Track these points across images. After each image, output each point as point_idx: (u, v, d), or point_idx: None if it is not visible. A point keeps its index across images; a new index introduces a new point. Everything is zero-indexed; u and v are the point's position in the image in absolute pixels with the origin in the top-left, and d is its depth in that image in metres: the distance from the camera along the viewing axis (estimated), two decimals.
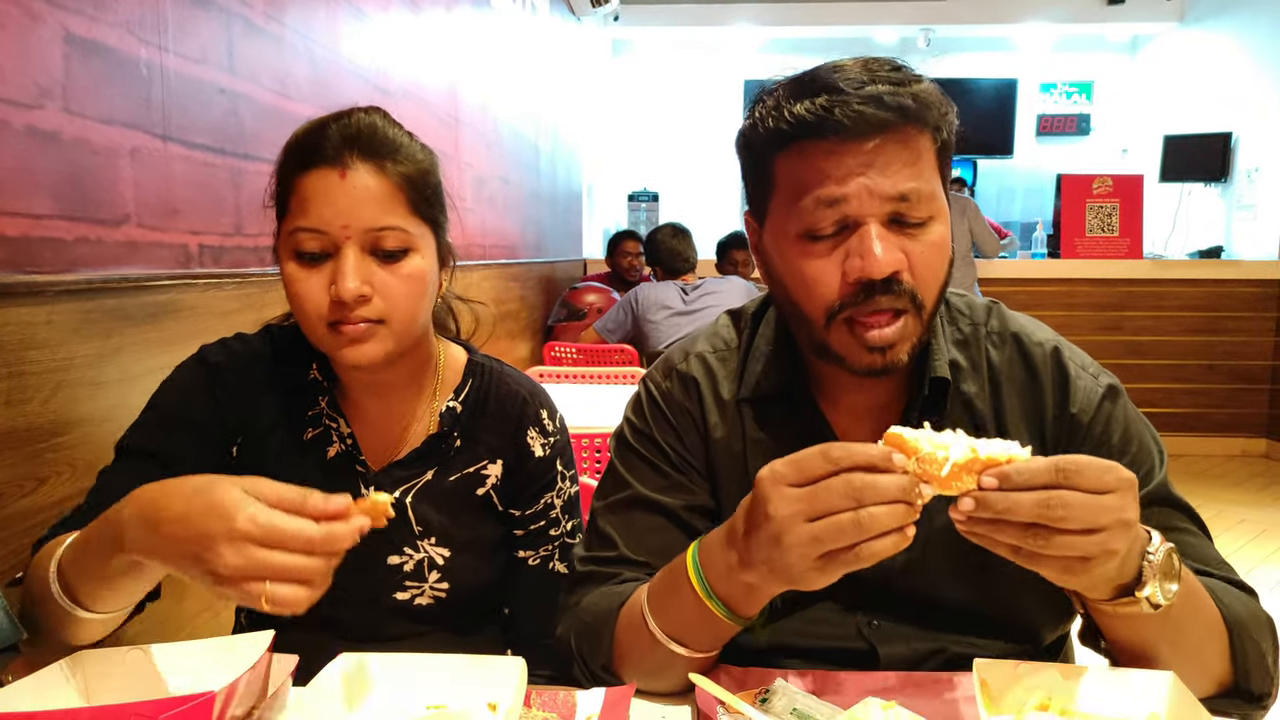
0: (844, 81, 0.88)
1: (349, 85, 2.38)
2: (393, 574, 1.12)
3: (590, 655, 0.96)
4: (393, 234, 1.00)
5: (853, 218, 0.89)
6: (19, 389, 1.16)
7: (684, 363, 1.08)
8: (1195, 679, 0.81)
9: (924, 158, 0.90)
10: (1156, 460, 0.99)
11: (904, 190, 0.88)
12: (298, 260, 1.00)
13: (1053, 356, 1.02)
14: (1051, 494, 0.71)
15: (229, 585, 0.70)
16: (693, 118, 8.29)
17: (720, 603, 0.85)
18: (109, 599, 0.82)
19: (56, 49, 1.24)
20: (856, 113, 0.86)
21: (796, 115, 0.89)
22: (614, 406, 2.48)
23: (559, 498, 1.18)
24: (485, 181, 3.92)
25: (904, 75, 0.90)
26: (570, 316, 4.75)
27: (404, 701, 0.82)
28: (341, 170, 0.99)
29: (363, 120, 1.03)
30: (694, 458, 1.05)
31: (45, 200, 1.23)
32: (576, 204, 6.54)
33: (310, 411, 1.13)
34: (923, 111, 0.89)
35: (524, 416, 1.17)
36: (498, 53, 4.13)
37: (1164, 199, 6.74)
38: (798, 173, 0.91)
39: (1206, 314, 5.60)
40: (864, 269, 0.88)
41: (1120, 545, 0.73)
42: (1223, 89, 6.49)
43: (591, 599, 0.99)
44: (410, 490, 1.13)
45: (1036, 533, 0.72)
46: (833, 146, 0.88)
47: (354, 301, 0.98)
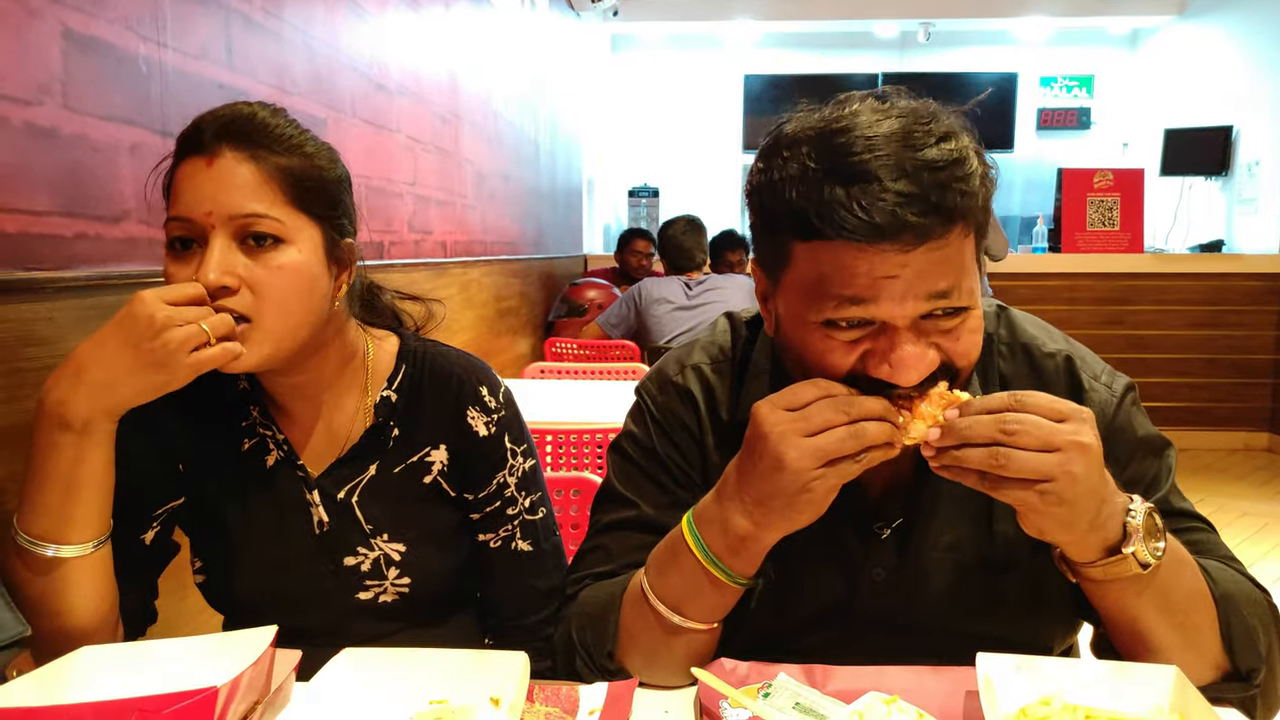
0: (880, 166, 0.77)
1: (347, 81, 2.37)
2: (351, 575, 1.10)
3: (595, 644, 0.95)
4: (260, 221, 0.95)
5: (880, 319, 0.81)
6: (18, 385, 1.15)
7: (679, 375, 1.04)
8: (1190, 656, 0.82)
9: (965, 251, 0.82)
10: (1162, 471, 0.97)
11: (942, 289, 0.80)
12: (170, 252, 0.97)
13: (1065, 369, 0.98)
14: (1008, 415, 0.77)
15: (170, 338, 0.86)
16: (693, 112, 8.29)
17: (718, 561, 0.86)
18: (77, 510, 0.90)
19: (55, 45, 1.24)
20: (893, 217, 0.76)
21: (823, 204, 0.78)
22: (615, 402, 2.48)
23: (512, 475, 1.13)
24: (485, 178, 3.91)
25: (948, 152, 0.79)
26: (571, 313, 4.75)
27: (406, 697, 0.82)
28: (209, 158, 0.95)
29: (242, 110, 0.99)
30: (694, 472, 1.02)
31: (44, 196, 1.23)
32: (577, 200, 6.53)
33: (244, 423, 1.11)
34: (968, 206, 0.80)
35: (461, 396, 1.12)
36: (497, 48, 4.13)
37: (1165, 193, 6.74)
38: (820, 264, 0.81)
39: (1208, 308, 5.60)
40: (893, 376, 0.81)
41: (1079, 468, 0.76)
42: (1223, 82, 6.47)
43: (590, 593, 0.99)
44: (355, 489, 1.10)
45: (996, 452, 0.76)
46: (861, 250, 0.78)
47: (218, 291, 0.92)
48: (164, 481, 1.08)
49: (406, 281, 2.90)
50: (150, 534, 1.07)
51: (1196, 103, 6.76)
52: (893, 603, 0.97)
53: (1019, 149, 8.11)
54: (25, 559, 0.91)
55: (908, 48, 8.01)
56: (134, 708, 0.67)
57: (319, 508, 1.09)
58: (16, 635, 0.82)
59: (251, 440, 1.11)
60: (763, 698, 0.83)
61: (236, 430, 1.11)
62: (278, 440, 1.10)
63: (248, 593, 1.10)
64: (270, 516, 1.09)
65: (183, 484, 1.10)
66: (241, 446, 1.11)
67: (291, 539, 1.09)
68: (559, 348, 4.10)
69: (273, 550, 1.09)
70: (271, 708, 0.80)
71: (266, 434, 1.11)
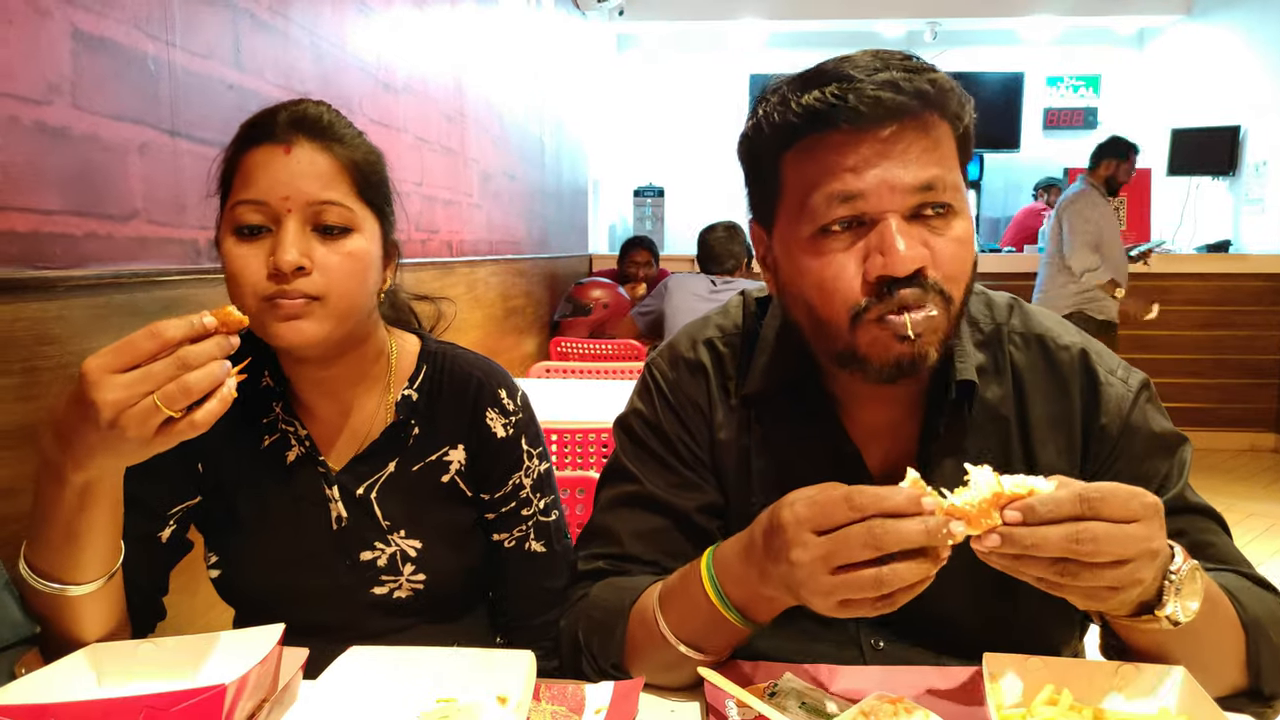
0: (855, 69, 0.83)
1: (354, 80, 2.38)
2: (367, 570, 1.11)
3: (601, 652, 0.95)
4: (334, 209, 0.99)
5: (870, 214, 0.83)
6: (32, 384, 1.16)
7: (691, 350, 1.05)
8: (1210, 678, 0.79)
9: (944, 146, 0.85)
10: (1175, 468, 0.96)
11: (926, 179, 0.83)
12: (236, 235, 0.98)
13: (1080, 361, 0.98)
14: (1079, 527, 0.69)
15: (126, 424, 0.74)
16: (698, 113, 8.27)
17: (737, 611, 0.85)
18: (81, 555, 0.85)
19: (64, 45, 1.24)
20: (872, 98, 0.81)
21: (805, 105, 0.84)
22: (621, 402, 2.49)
23: (528, 477, 1.15)
24: (491, 177, 3.92)
25: (917, 64, 0.85)
26: (576, 312, 4.75)
27: (414, 695, 0.83)
28: (286, 146, 0.98)
29: (312, 108, 1.03)
30: (702, 451, 1.02)
31: (55, 196, 1.23)
32: (582, 199, 6.53)
33: (265, 419, 1.11)
34: (942, 97, 0.84)
35: (480, 398, 1.14)
36: (503, 48, 4.13)
37: (1172, 193, 6.72)
38: (807, 169, 0.86)
39: (1215, 308, 5.58)
40: (886, 266, 0.82)
41: (1147, 574, 0.72)
42: (1231, 82, 6.45)
43: (600, 593, 0.98)
44: (375, 485, 1.11)
45: (1064, 567, 0.70)
46: (845, 138, 0.83)
47: (292, 273, 0.95)
48: (181, 481, 1.08)
49: (415, 281, 2.91)
50: (166, 532, 1.07)
51: (1203, 102, 6.73)
52: None
53: (1025, 149, 8.08)
54: (34, 592, 0.87)
55: (914, 47, 7.97)
56: (142, 705, 0.67)
57: (338, 503, 1.10)
58: (26, 634, 0.82)
59: (272, 436, 1.11)
60: (769, 697, 0.83)
61: (258, 426, 1.11)
62: (299, 436, 1.11)
63: (263, 587, 1.11)
64: (288, 512, 1.10)
65: (200, 483, 1.10)
66: (262, 443, 1.11)
67: (308, 534, 1.10)
68: (564, 347, 4.11)
69: (289, 545, 1.10)
70: (279, 705, 0.81)
71: (288, 430, 1.11)
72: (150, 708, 0.67)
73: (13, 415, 1.13)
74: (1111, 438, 0.96)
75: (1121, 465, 0.95)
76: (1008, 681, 0.81)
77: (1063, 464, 0.96)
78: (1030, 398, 0.97)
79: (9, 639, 0.80)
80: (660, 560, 0.99)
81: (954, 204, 0.85)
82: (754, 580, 0.81)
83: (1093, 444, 0.96)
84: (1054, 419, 0.97)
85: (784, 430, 1.00)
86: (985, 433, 0.97)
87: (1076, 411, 0.97)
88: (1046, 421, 0.97)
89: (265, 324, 0.98)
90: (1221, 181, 6.51)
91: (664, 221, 7.49)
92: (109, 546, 0.88)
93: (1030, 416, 0.97)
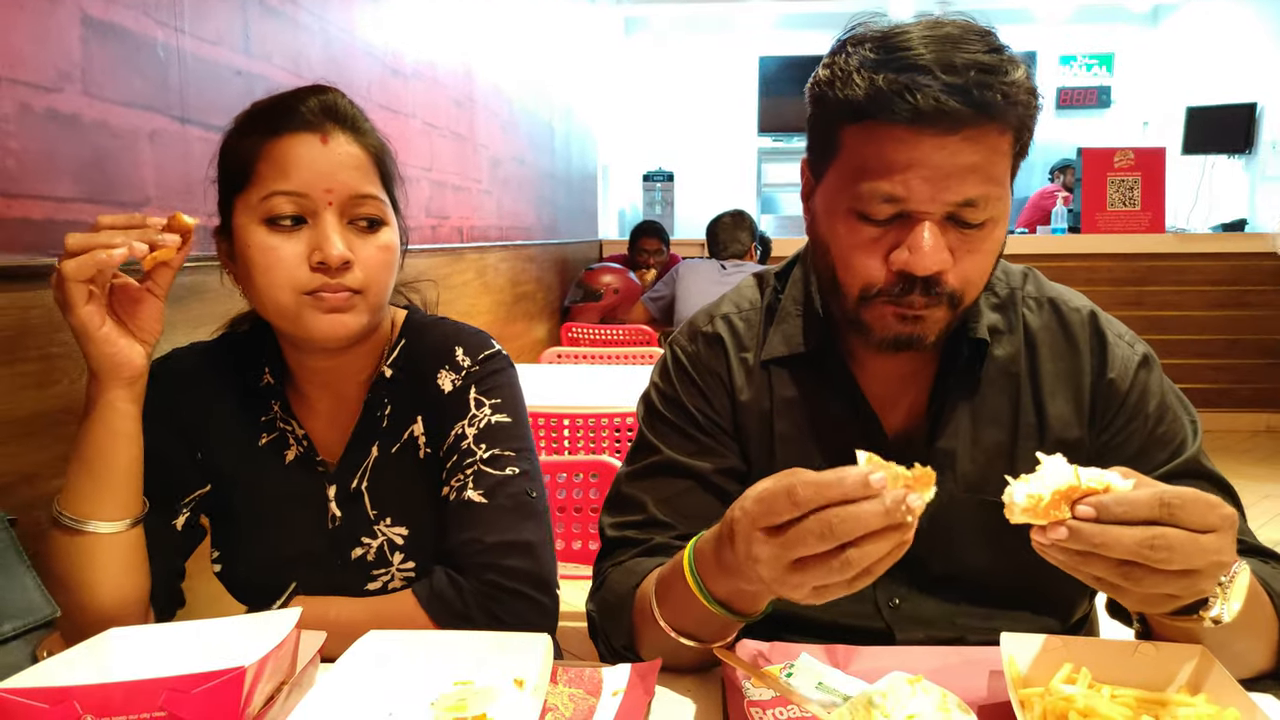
0: (932, 59, 0.82)
1: (363, 66, 2.37)
2: (358, 568, 1.09)
3: (613, 634, 0.97)
4: (371, 202, 0.99)
5: (909, 212, 0.86)
6: (49, 371, 1.17)
7: (709, 325, 1.08)
8: (1235, 666, 0.78)
9: (998, 160, 0.86)
10: (1189, 432, 0.98)
11: (972, 196, 0.84)
12: (269, 226, 0.95)
13: (1090, 322, 1.01)
14: (1155, 532, 0.66)
15: None
16: (707, 96, 8.24)
17: (722, 605, 0.83)
18: (105, 489, 0.93)
19: (74, 32, 1.24)
20: (936, 103, 0.81)
21: (875, 88, 0.83)
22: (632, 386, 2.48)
23: (471, 425, 1.06)
24: (500, 163, 3.91)
25: (998, 60, 0.83)
26: (587, 297, 4.75)
27: (431, 678, 0.83)
28: (323, 136, 0.96)
29: (339, 96, 1.01)
30: (722, 420, 1.04)
31: (68, 183, 1.24)
32: (591, 185, 6.52)
33: (263, 417, 1.10)
34: (1008, 111, 0.84)
35: (437, 360, 1.09)
36: (511, 33, 4.11)
37: (1186, 172, 6.65)
38: (862, 152, 0.87)
39: (1230, 288, 5.53)
40: (910, 264, 0.85)
41: (1210, 587, 0.71)
42: (1247, 59, 6.37)
43: (615, 576, 0.99)
44: (364, 474, 1.08)
45: (1130, 570, 0.68)
46: (904, 134, 0.83)
47: (341, 267, 0.95)
48: (189, 469, 1.09)
49: (428, 266, 2.92)
50: (181, 520, 1.07)
51: (1219, 80, 6.66)
52: (917, 545, 0.96)
53: (1038, 128, 7.94)
54: (62, 534, 0.94)
55: None
56: (163, 687, 0.67)
57: (333, 502, 1.09)
58: (46, 617, 0.83)
59: (270, 435, 1.10)
60: (785, 678, 0.83)
61: (256, 424, 1.10)
62: (297, 436, 1.09)
63: (262, 586, 1.10)
64: (284, 511, 1.09)
65: (203, 471, 1.10)
66: (259, 440, 1.10)
67: (303, 534, 1.09)
68: (575, 333, 4.11)
69: (285, 546, 1.09)
70: (297, 689, 0.81)
71: (286, 429, 1.10)
72: (171, 690, 0.67)
73: (30, 402, 1.14)
74: (1119, 394, 0.98)
75: (1136, 426, 0.98)
76: (1026, 661, 0.80)
77: (1071, 415, 0.99)
78: (1040, 354, 1.00)
79: (29, 622, 0.80)
80: (683, 525, 1.00)
81: (992, 217, 0.87)
82: (731, 576, 0.79)
83: (1099, 399, 0.99)
84: (1063, 373, 1.00)
85: (802, 392, 1.02)
86: (996, 388, 1.00)
87: (1085, 366, 0.99)
88: (1055, 375, 1.00)
89: (303, 318, 0.97)
90: (1237, 160, 6.45)
91: (674, 206, 7.46)
92: (132, 488, 0.95)
93: (1040, 372, 1.00)
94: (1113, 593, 0.72)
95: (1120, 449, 0.98)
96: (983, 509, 0.95)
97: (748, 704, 0.79)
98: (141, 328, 0.93)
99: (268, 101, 1.01)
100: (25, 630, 0.80)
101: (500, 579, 0.99)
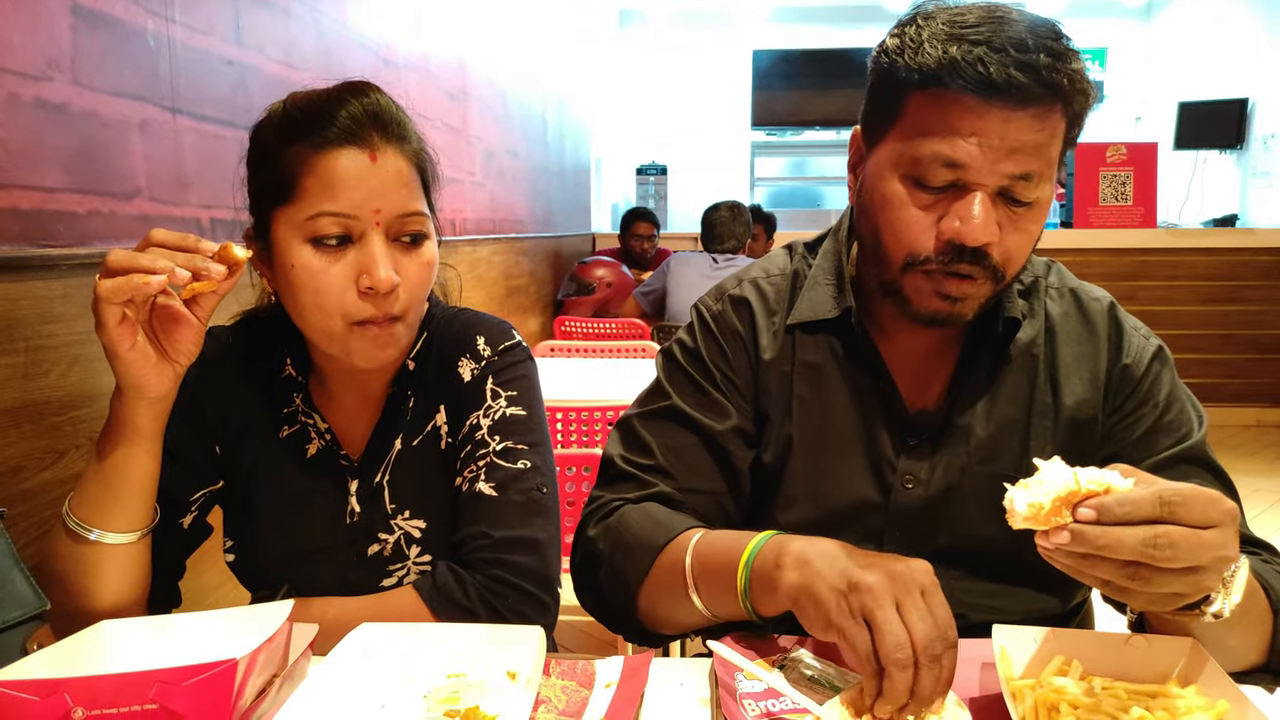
0: (1006, 39, 0.84)
1: (355, 57, 2.36)
2: (375, 563, 1.08)
3: (621, 571, 0.97)
4: (417, 219, 0.97)
5: (966, 182, 0.88)
6: (37, 363, 1.16)
7: (737, 288, 1.10)
8: (1228, 660, 0.79)
9: (1055, 141, 0.88)
10: (1195, 423, 1.00)
11: (1028, 170, 0.87)
12: (316, 247, 0.93)
13: (1109, 311, 1.05)
14: (1157, 531, 0.66)
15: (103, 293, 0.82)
16: (701, 89, 8.21)
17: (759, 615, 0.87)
18: (117, 502, 0.91)
19: (64, 20, 1.23)
20: (1009, 77, 0.83)
21: (949, 57, 0.85)
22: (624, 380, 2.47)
23: (486, 416, 1.05)
24: (494, 155, 3.90)
25: (1064, 48, 0.86)
26: (580, 291, 4.74)
27: (423, 671, 0.83)
28: (372, 152, 0.94)
29: (384, 100, 0.98)
30: (739, 379, 1.06)
31: (57, 174, 1.23)
32: (585, 177, 6.50)
33: (285, 409, 1.08)
34: (1073, 95, 0.87)
35: (458, 350, 1.08)
36: (505, 25, 4.09)
37: (1179, 167, 6.66)
38: (927, 117, 0.88)
39: (1222, 283, 5.55)
40: (960, 234, 0.87)
41: (1215, 583, 0.71)
42: (1239, 54, 6.39)
43: (635, 517, 0.99)
44: (386, 468, 1.07)
45: (1136, 571, 0.67)
46: (972, 103, 0.85)
47: (390, 293, 0.94)
48: (205, 465, 1.07)
49: None
50: (188, 519, 1.06)
51: (1211, 75, 6.67)
52: (927, 516, 1.01)
53: None
54: (68, 538, 0.92)
55: None
56: (154, 680, 0.67)
57: (353, 497, 1.07)
58: (36, 609, 0.82)
59: (292, 428, 1.08)
60: (779, 670, 0.83)
61: (277, 416, 1.09)
62: (319, 430, 1.08)
63: (276, 579, 1.09)
64: (303, 505, 1.08)
65: (219, 467, 1.09)
66: (280, 433, 1.08)
67: (321, 529, 1.08)
68: (568, 326, 4.10)
69: (301, 539, 1.08)
70: (289, 681, 0.81)
71: (309, 422, 1.08)
72: (162, 682, 0.67)
73: (17, 394, 1.13)
74: (1134, 378, 1.01)
75: (1146, 411, 1.01)
76: (1018, 653, 0.81)
77: (1086, 396, 1.01)
78: (1060, 339, 1.03)
79: (19, 615, 0.80)
80: (683, 478, 1.03)
81: (1039, 199, 0.89)
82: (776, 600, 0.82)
83: (1114, 381, 1.01)
84: (1080, 356, 1.02)
85: (825, 359, 1.04)
86: (1015, 369, 1.02)
87: (1102, 350, 1.02)
88: (1073, 359, 1.02)
89: (349, 344, 0.96)
90: (1229, 155, 6.47)
91: (667, 199, 7.45)
92: (145, 502, 0.93)
93: (1059, 355, 1.02)
94: (1121, 596, 0.72)
95: (1128, 431, 1.00)
96: (994, 481, 0.95)
97: (740, 696, 0.79)
98: (176, 349, 0.89)
99: (306, 102, 0.96)
100: (16, 623, 0.80)
101: (505, 574, 0.99)
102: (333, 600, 1.01)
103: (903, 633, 0.69)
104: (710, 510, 1.04)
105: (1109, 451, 1.00)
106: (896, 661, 0.68)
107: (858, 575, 0.73)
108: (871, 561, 0.75)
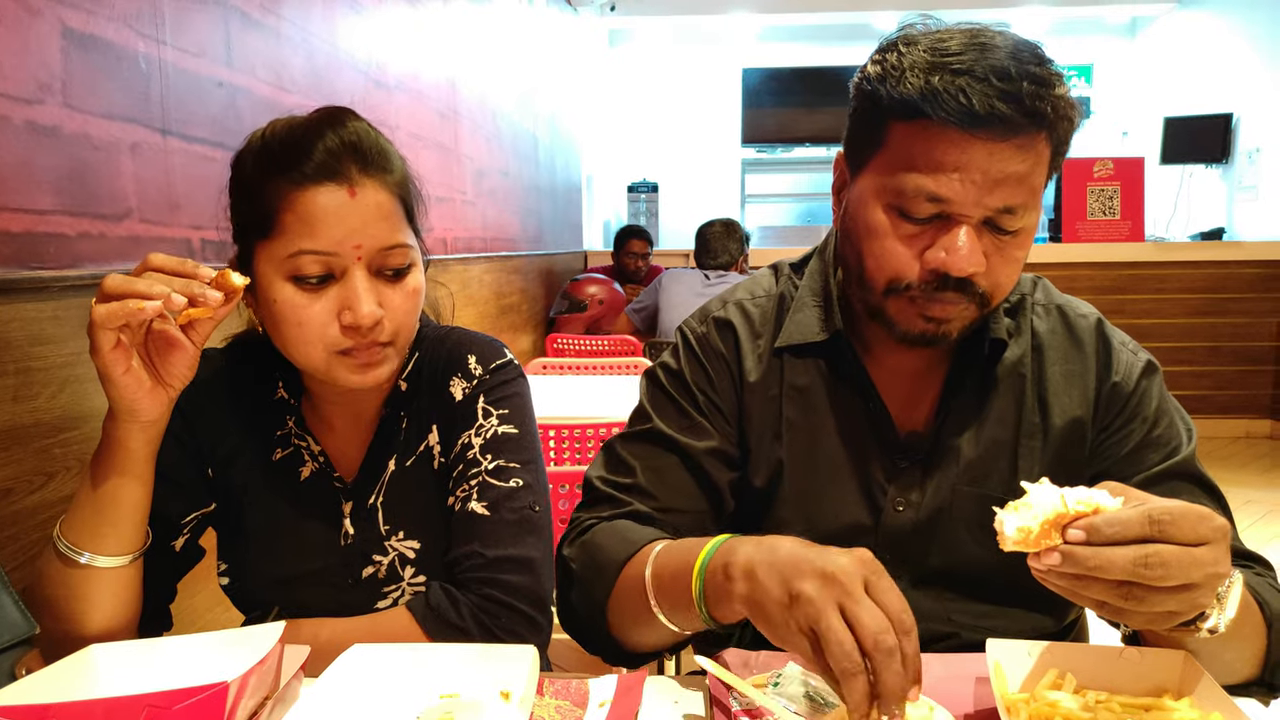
0: (988, 67, 0.84)
1: (346, 78, 2.37)
2: (369, 586, 1.07)
3: (591, 589, 0.96)
4: (400, 251, 0.96)
5: (950, 214, 0.88)
6: (26, 385, 1.16)
7: (721, 310, 1.09)
8: (1223, 674, 0.79)
9: (1039, 169, 0.88)
10: (1184, 437, 1.00)
11: (1013, 203, 0.87)
12: (298, 285, 0.93)
13: (1097, 328, 1.04)
14: (1148, 550, 0.66)
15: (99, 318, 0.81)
16: (692, 107, 8.26)
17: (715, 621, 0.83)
18: (108, 526, 0.90)
19: (54, 43, 1.24)
20: (992, 108, 0.83)
21: (931, 87, 0.85)
22: (618, 397, 2.47)
23: (478, 435, 1.05)
24: (485, 174, 3.91)
25: (1047, 73, 0.86)
26: (572, 308, 4.75)
27: (416, 691, 0.82)
28: (351, 188, 0.92)
29: (359, 128, 0.96)
30: (723, 402, 1.05)
31: (47, 196, 1.23)
32: (576, 196, 6.53)
33: (278, 432, 1.08)
34: (1056, 123, 0.87)
35: (449, 370, 1.07)
36: (495, 45, 4.12)
37: (1165, 181, 6.72)
38: (910, 148, 0.88)
39: (1209, 296, 5.59)
40: (946, 264, 0.88)
41: (1209, 600, 0.71)
42: (1223, 70, 6.46)
43: (604, 535, 0.98)
44: (380, 490, 1.07)
45: (1129, 590, 0.67)
46: (955, 136, 0.85)
47: (372, 327, 0.93)
48: (197, 487, 1.06)
49: None
50: (180, 541, 1.05)
51: (1196, 90, 6.74)
52: (917, 539, 1.01)
53: None
54: (59, 561, 0.91)
55: None
56: (145, 704, 0.66)
57: (347, 519, 1.07)
58: (25, 634, 0.81)
59: (285, 450, 1.08)
60: (773, 687, 0.83)
61: (270, 439, 1.08)
62: (313, 452, 1.08)
63: (270, 602, 1.08)
64: (297, 529, 1.07)
65: (211, 489, 1.08)
66: (273, 455, 1.08)
67: (316, 552, 1.07)
68: (561, 344, 4.10)
69: (296, 563, 1.07)
70: (281, 704, 0.80)
71: (301, 445, 1.08)
72: (152, 706, 0.66)
73: (7, 417, 1.13)
74: (1123, 395, 1.01)
75: (1134, 427, 1.00)
76: (1013, 667, 0.81)
77: (1075, 414, 1.01)
78: (1047, 356, 1.03)
79: (8, 640, 0.79)
80: (664, 498, 1.02)
81: (1025, 226, 0.89)
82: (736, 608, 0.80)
83: (1103, 399, 1.01)
84: (1069, 375, 1.02)
85: (814, 381, 1.04)
86: (1003, 389, 1.02)
87: (1091, 368, 1.02)
88: (1062, 376, 1.02)
89: (334, 372, 0.97)
90: (1215, 169, 6.52)
91: (658, 217, 7.48)
92: (137, 526, 0.92)
93: (1046, 373, 1.02)
94: (1117, 616, 0.72)
95: (1117, 448, 1.00)
96: (984, 503, 0.96)
97: (734, 713, 0.79)
98: (171, 373, 0.88)
99: (284, 132, 0.95)
100: (3, 648, 0.79)
101: (498, 593, 0.98)
102: (325, 621, 1.00)
103: (847, 639, 0.67)
104: (694, 530, 1.01)
105: (1098, 468, 1.00)
106: (845, 671, 0.66)
107: (797, 586, 0.71)
108: (812, 564, 0.72)
